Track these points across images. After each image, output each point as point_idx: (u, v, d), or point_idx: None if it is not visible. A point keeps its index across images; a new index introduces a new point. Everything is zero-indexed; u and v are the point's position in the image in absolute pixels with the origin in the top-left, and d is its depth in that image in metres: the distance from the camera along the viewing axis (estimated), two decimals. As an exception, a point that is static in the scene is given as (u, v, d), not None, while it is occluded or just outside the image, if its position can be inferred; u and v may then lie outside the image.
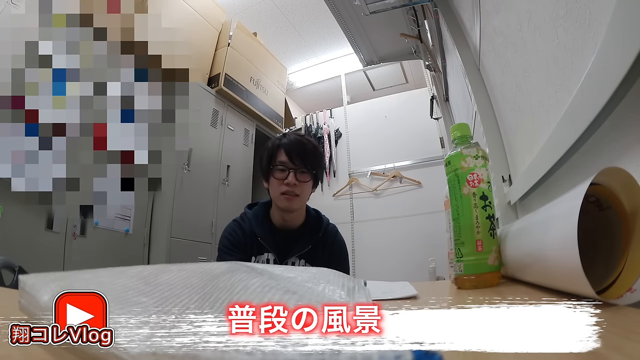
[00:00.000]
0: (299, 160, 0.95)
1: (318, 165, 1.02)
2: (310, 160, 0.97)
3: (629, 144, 0.36)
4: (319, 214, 1.09)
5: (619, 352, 0.16)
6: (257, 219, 1.01)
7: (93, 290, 0.20)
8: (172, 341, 0.14)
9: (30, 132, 0.69)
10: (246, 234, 0.99)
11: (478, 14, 0.96)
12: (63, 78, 0.71)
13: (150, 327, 0.17)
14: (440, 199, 0.62)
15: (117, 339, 0.15)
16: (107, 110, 0.74)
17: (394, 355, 0.11)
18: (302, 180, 0.96)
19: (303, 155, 0.96)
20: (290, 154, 0.96)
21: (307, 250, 0.98)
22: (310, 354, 0.12)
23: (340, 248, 1.06)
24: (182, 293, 0.21)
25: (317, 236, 1.00)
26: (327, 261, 0.97)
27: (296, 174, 0.95)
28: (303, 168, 0.96)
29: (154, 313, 0.19)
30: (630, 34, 0.30)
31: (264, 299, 0.17)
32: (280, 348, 0.12)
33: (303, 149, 0.96)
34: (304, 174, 0.96)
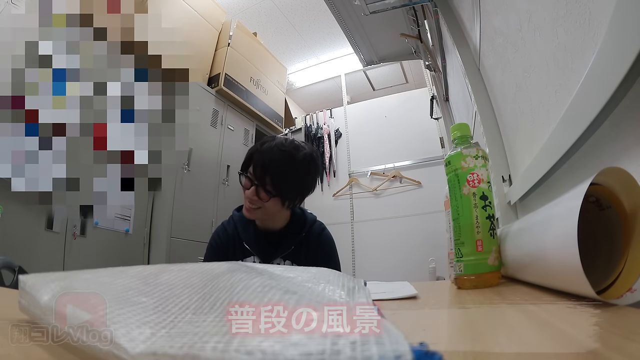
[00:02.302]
0: (261, 179, 0.89)
1: (290, 184, 0.92)
2: (277, 179, 0.89)
3: (629, 144, 0.36)
4: (304, 213, 1.05)
5: (619, 352, 0.16)
6: (242, 222, 0.99)
7: (93, 291, 0.20)
8: (172, 341, 0.14)
9: (30, 132, 0.69)
10: (230, 238, 0.98)
11: (478, 14, 0.96)
12: (63, 78, 0.71)
13: (150, 327, 0.17)
14: (440, 199, 0.62)
15: (117, 339, 0.15)
16: (107, 110, 0.74)
17: (394, 355, 0.11)
18: (262, 198, 0.90)
19: (268, 174, 0.89)
20: (257, 169, 0.90)
21: (290, 251, 0.96)
22: (310, 354, 0.12)
23: (327, 246, 1.02)
24: (182, 293, 0.21)
25: (300, 236, 0.98)
26: (313, 260, 0.94)
27: (257, 189, 0.90)
28: (263, 187, 0.89)
29: (154, 313, 0.19)
30: (630, 34, 0.30)
31: (264, 299, 0.17)
32: (280, 348, 0.12)
33: (270, 167, 0.89)
34: (264, 193, 0.90)
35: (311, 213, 1.07)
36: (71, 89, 0.72)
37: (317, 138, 3.30)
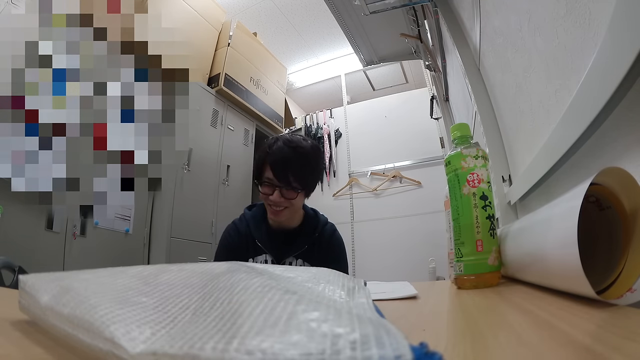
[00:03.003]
0: (284, 177, 0.90)
1: (310, 175, 0.95)
2: (299, 174, 0.90)
3: (629, 144, 0.36)
4: (317, 214, 1.07)
5: (619, 352, 0.16)
6: (255, 220, 1.00)
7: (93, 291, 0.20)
8: (172, 341, 0.14)
9: (30, 132, 0.69)
10: (242, 236, 0.99)
11: (478, 14, 0.96)
12: (63, 78, 0.71)
13: (150, 327, 0.17)
14: (440, 199, 0.62)
15: (117, 339, 0.15)
16: (107, 110, 0.74)
17: (394, 355, 0.11)
18: (289, 197, 0.91)
19: (289, 171, 0.90)
20: (275, 170, 0.90)
21: (303, 251, 0.97)
22: (310, 354, 0.12)
23: (337, 247, 1.04)
24: (182, 293, 0.21)
25: (313, 236, 0.99)
26: (324, 260, 0.96)
27: (282, 191, 0.91)
28: (288, 186, 0.90)
29: (154, 313, 0.19)
30: (630, 34, 0.30)
31: (264, 299, 0.17)
32: (280, 348, 0.12)
33: (289, 163, 0.90)
34: (290, 191, 0.91)
35: (323, 215, 1.09)
36: (71, 89, 0.72)
37: (317, 138, 3.30)
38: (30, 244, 1.52)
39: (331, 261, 0.97)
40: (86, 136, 0.73)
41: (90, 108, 0.73)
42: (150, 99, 0.77)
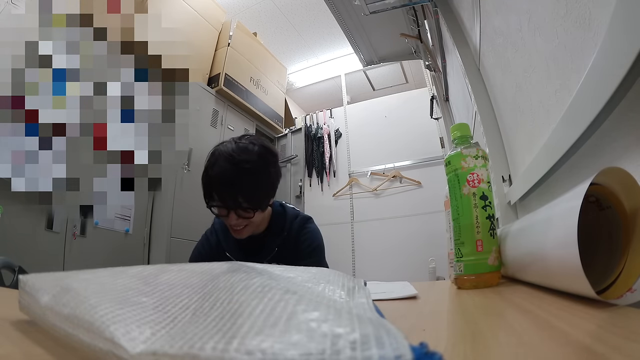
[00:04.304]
0: (232, 201, 0.81)
1: (262, 190, 0.84)
2: (248, 194, 0.81)
3: (629, 144, 0.36)
4: (285, 209, 0.98)
5: (619, 352, 0.16)
6: (222, 230, 0.95)
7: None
8: (172, 341, 0.14)
9: (30, 132, 0.69)
10: (213, 248, 0.96)
11: (478, 14, 0.96)
12: (63, 78, 0.71)
13: (150, 327, 0.17)
14: (440, 199, 0.62)
15: (116, 339, 0.15)
16: (107, 110, 0.74)
17: (394, 355, 0.11)
18: (246, 217, 0.83)
19: (237, 194, 0.80)
20: (221, 196, 0.82)
21: (274, 254, 0.92)
22: (310, 354, 0.12)
23: (308, 241, 0.94)
24: (182, 293, 0.21)
25: (282, 235, 0.94)
26: (296, 258, 0.90)
27: (237, 211, 0.82)
28: (240, 208, 0.82)
29: (154, 313, 0.19)
30: (630, 34, 0.30)
31: (264, 299, 0.17)
32: (280, 348, 0.12)
33: (234, 185, 0.80)
34: (246, 211, 0.83)
35: (293, 207, 1.01)
36: (71, 89, 0.72)
37: (317, 138, 3.30)
38: (30, 244, 1.52)
39: (304, 257, 0.91)
40: (86, 136, 0.73)
41: (90, 108, 0.73)
42: (150, 99, 0.77)
